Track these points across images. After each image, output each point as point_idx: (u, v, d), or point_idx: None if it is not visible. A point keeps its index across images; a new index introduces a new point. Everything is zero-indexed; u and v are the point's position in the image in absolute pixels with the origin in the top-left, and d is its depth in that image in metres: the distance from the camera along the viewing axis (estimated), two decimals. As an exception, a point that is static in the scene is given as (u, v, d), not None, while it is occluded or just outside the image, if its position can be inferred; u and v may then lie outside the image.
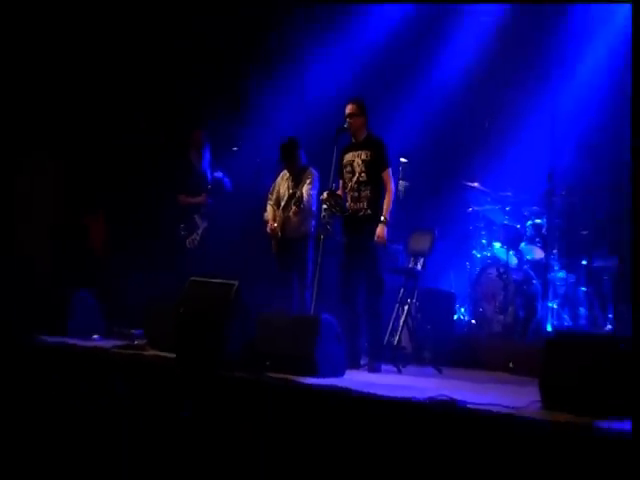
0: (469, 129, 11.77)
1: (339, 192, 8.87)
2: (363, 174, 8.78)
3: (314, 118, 10.61)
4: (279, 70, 11.92)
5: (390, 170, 8.86)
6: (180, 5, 11.92)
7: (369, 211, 8.73)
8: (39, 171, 12.01)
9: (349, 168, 8.87)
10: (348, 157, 8.90)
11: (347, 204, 8.85)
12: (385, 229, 8.63)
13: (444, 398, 6.31)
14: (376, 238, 8.61)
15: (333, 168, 8.86)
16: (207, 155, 10.79)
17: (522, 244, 10.38)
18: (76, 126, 12.07)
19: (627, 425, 5.50)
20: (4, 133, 11.54)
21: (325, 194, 8.89)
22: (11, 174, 11.76)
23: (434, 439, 5.85)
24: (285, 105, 11.75)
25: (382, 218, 8.64)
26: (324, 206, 8.90)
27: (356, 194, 8.80)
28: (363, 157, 8.81)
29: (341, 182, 8.92)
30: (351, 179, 8.84)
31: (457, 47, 11.92)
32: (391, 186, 8.82)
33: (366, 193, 8.75)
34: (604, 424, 5.54)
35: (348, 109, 8.90)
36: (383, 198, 8.75)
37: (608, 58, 10.93)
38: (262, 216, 9.76)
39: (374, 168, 8.76)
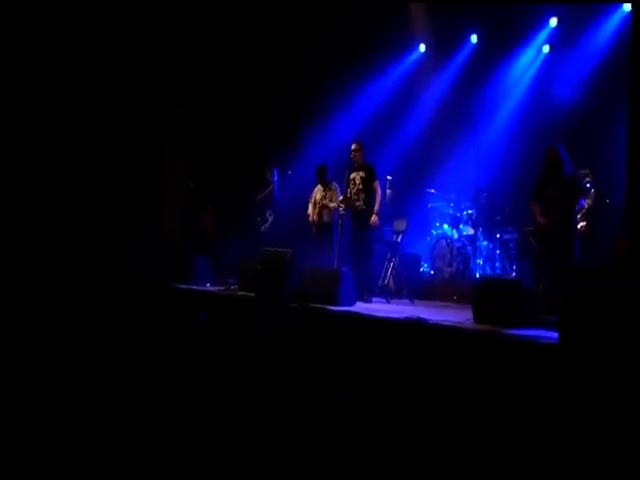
0: (429, 157, 11.65)
1: (348, 196, 8.84)
2: (360, 185, 8.75)
3: (336, 152, 10.53)
4: (317, 123, 11.89)
5: (377, 182, 8.82)
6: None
7: (364, 207, 8.71)
8: (177, 182, 11.98)
9: (352, 182, 8.82)
10: (352, 175, 8.84)
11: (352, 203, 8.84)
12: (377, 217, 8.65)
13: (415, 317, 6.34)
14: (371, 223, 8.65)
15: (345, 182, 8.88)
16: (275, 174, 10.74)
17: (461, 225, 10.28)
18: (203, 162, 12.07)
19: (523, 332, 5.52)
20: (149, 163, 11.51)
21: (341, 198, 8.93)
22: (157, 190, 11.74)
23: (408, 341, 5.87)
24: (320, 144, 11.71)
25: (375, 211, 8.66)
26: (341, 205, 8.95)
27: (356, 197, 8.77)
28: (361, 175, 8.78)
29: (348, 190, 8.85)
30: (354, 188, 8.80)
31: (422, 106, 11.82)
32: (379, 192, 8.80)
33: (362, 196, 8.71)
34: (509, 331, 5.58)
35: (353, 147, 8.89)
36: (374, 199, 8.72)
37: (515, 109, 10.83)
38: (306, 212, 9.72)
39: (367, 181, 8.74)
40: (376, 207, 8.69)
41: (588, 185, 8.20)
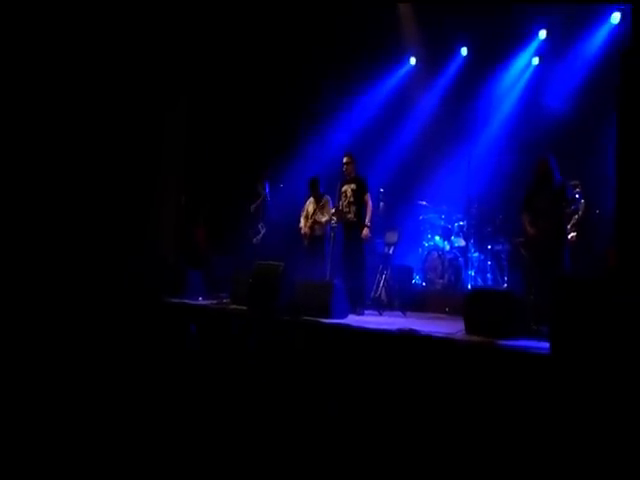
0: (421, 169, 11.67)
1: (340, 209, 8.82)
2: (351, 197, 8.74)
3: (328, 164, 10.57)
4: (309, 135, 11.94)
5: (369, 195, 8.79)
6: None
7: (355, 219, 8.68)
8: (169, 198, 12.03)
9: (344, 194, 8.81)
10: (344, 188, 8.83)
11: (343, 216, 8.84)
12: (367, 230, 8.63)
13: (407, 329, 6.33)
14: (363, 236, 8.63)
15: (337, 194, 8.87)
16: (267, 187, 10.74)
17: (452, 237, 10.32)
18: (195, 177, 12.13)
19: (514, 343, 5.53)
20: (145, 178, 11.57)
21: (333, 210, 8.93)
22: (151, 205, 11.80)
23: (400, 353, 5.86)
24: (312, 157, 11.77)
25: (366, 224, 8.64)
26: (333, 218, 8.94)
27: (347, 209, 8.75)
28: (352, 187, 8.76)
29: (340, 202, 8.85)
30: (345, 201, 8.79)
31: (413, 119, 11.85)
32: (370, 204, 8.77)
33: (353, 209, 8.70)
34: (501, 342, 5.58)
35: (344, 159, 8.88)
36: (365, 212, 8.71)
37: (505, 121, 10.88)
38: (298, 225, 9.71)
39: (358, 194, 8.72)
40: (367, 219, 8.68)
41: (577, 196, 8.23)
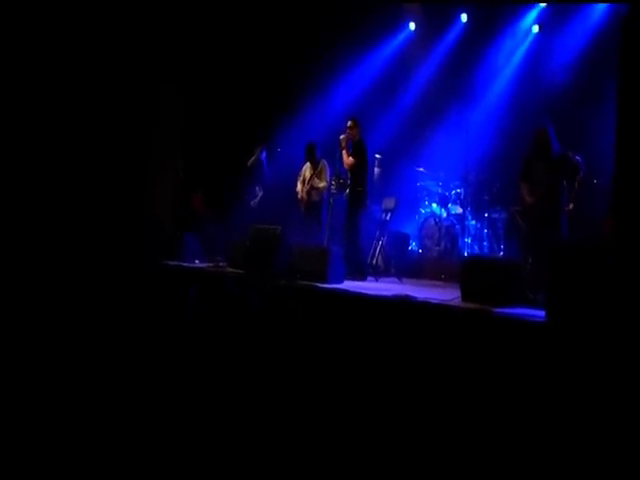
0: (419, 135, 11.59)
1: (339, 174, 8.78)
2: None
3: (326, 130, 10.51)
4: (308, 101, 11.83)
5: (355, 158, 8.61)
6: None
7: (351, 184, 8.64)
8: (167, 164, 11.99)
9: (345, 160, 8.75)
10: (344, 153, 8.72)
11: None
12: (350, 159, 8.59)
13: (403, 295, 6.35)
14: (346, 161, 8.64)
15: (337, 159, 8.81)
16: (264, 151, 10.71)
17: (449, 204, 10.29)
18: (192, 141, 12.08)
19: (510, 310, 5.55)
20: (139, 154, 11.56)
21: (333, 177, 8.88)
22: (148, 170, 11.79)
23: (396, 318, 5.88)
24: (309, 123, 11.65)
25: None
26: (332, 184, 8.90)
27: (346, 175, 8.71)
28: (350, 152, 8.66)
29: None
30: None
31: (411, 85, 11.77)
32: (351, 161, 8.58)
33: (349, 175, 8.64)
34: (497, 310, 5.60)
35: (348, 123, 8.77)
36: (365, 178, 8.65)
37: (504, 89, 10.80)
38: (295, 189, 9.68)
39: (355, 159, 8.61)
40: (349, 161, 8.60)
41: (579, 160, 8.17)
